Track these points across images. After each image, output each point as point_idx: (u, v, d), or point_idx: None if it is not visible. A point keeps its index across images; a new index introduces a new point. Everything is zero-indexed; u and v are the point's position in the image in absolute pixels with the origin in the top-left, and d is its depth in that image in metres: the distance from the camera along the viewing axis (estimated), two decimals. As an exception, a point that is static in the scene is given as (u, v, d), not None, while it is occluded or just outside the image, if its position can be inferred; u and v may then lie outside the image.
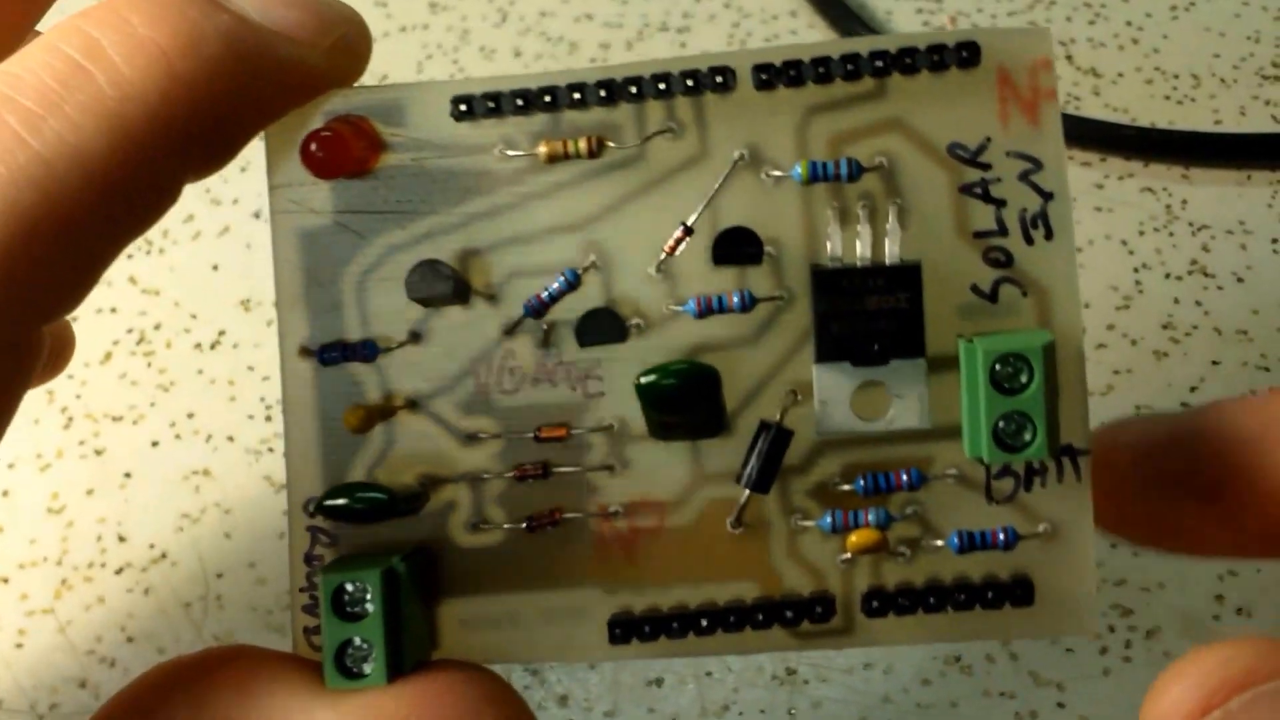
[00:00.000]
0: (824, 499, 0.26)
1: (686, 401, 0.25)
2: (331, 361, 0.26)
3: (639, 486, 0.26)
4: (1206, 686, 0.20)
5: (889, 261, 0.25)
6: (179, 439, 0.42)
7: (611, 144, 0.26)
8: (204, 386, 0.43)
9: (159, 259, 0.46)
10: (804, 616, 0.26)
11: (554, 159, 0.26)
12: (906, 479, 0.26)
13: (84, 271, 0.24)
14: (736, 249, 0.26)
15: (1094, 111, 0.47)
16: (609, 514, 0.26)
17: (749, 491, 0.26)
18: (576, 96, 0.26)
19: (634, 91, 0.26)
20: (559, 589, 0.26)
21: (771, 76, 0.26)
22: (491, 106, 0.26)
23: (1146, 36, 0.49)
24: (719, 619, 0.26)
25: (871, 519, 0.26)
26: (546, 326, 0.26)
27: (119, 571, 0.40)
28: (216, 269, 0.45)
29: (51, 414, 0.43)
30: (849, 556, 0.26)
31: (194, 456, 0.42)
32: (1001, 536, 0.26)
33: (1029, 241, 0.26)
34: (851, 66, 0.25)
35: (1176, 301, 0.43)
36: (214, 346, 0.44)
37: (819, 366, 0.26)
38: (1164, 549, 0.27)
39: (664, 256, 0.26)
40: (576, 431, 0.26)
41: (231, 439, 0.42)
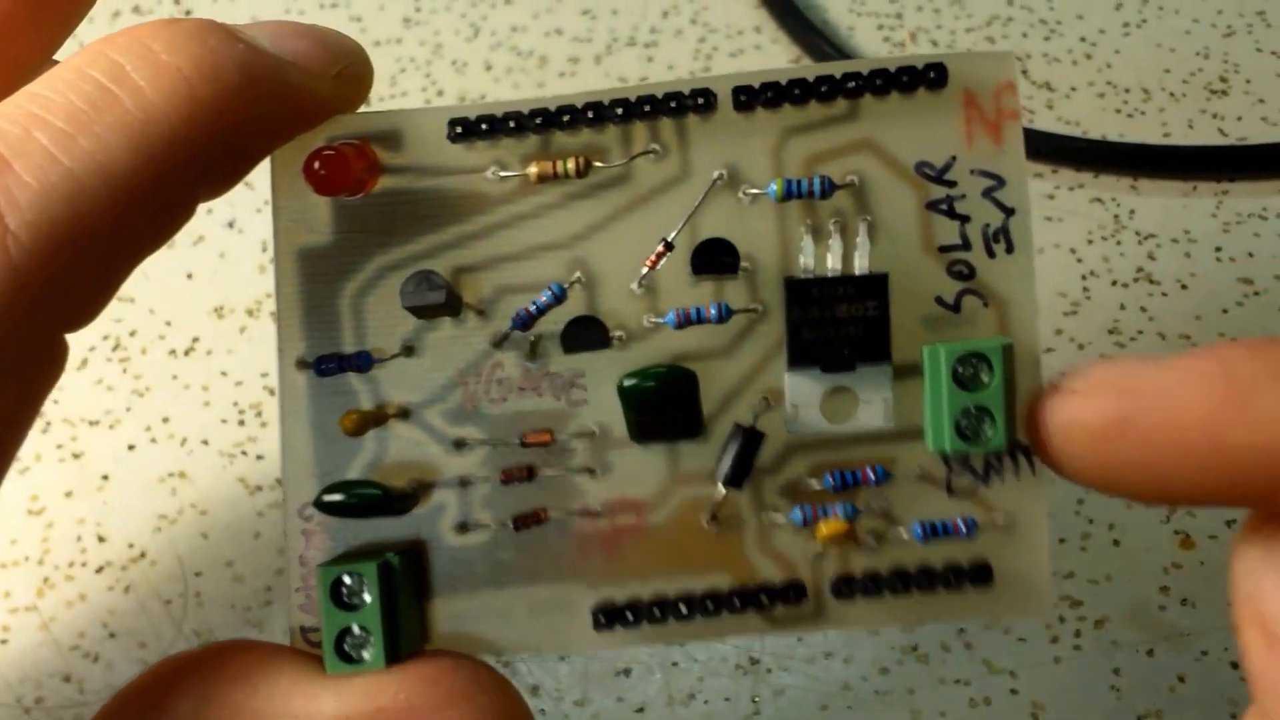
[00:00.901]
0: (794, 496, 0.27)
1: (666, 402, 0.26)
2: (328, 372, 0.27)
3: (619, 488, 0.27)
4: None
5: (859, 272, 0.26)
6: (155, 443, 0.43)
7: (599, 164, 0.27)
8: (179, 392, 0.44)
9: None
10: (777, 601, 0.27)
11: (544, 179, 0.27)
12: (872, 475, 0.27)
13: (106, 282, 0.25)
14: (714, 259, 0.27)
15: (1047, 124, 0.48)
16: (591, 514, 0.27)
17: (724, 489, 0.27)
18: (566, 119, 0.27)
19: (620, 114, 0.27)
20: (544, 583, 0.27)
21: (750, 98, 0.26)
22: (485, 129, 0.27)
23: (1099, 52, 0.50)
24: (697, 605, 0.27)
25: (839, 512, 0.27)
26: (533, 339, 0.27)
27: (99, 570, 0.40)
28: (190, 277, 0.46)
29: None
30: (820, 550, 0.27)
31: (170, 460, 0.42)
32: (962, 525, 0.27)
33: (991, 255, 0.27)
34: (826, 89, 0.26)
35: (1123, 308, 0.44)
36: (188, 353, 0.44)
37: (790, 373, 0.27)
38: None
39: (645, 271, 0.27)
40: (560, 437, 0.27)
41: (206, 442, 0.42)
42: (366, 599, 0.26)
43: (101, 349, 0.44)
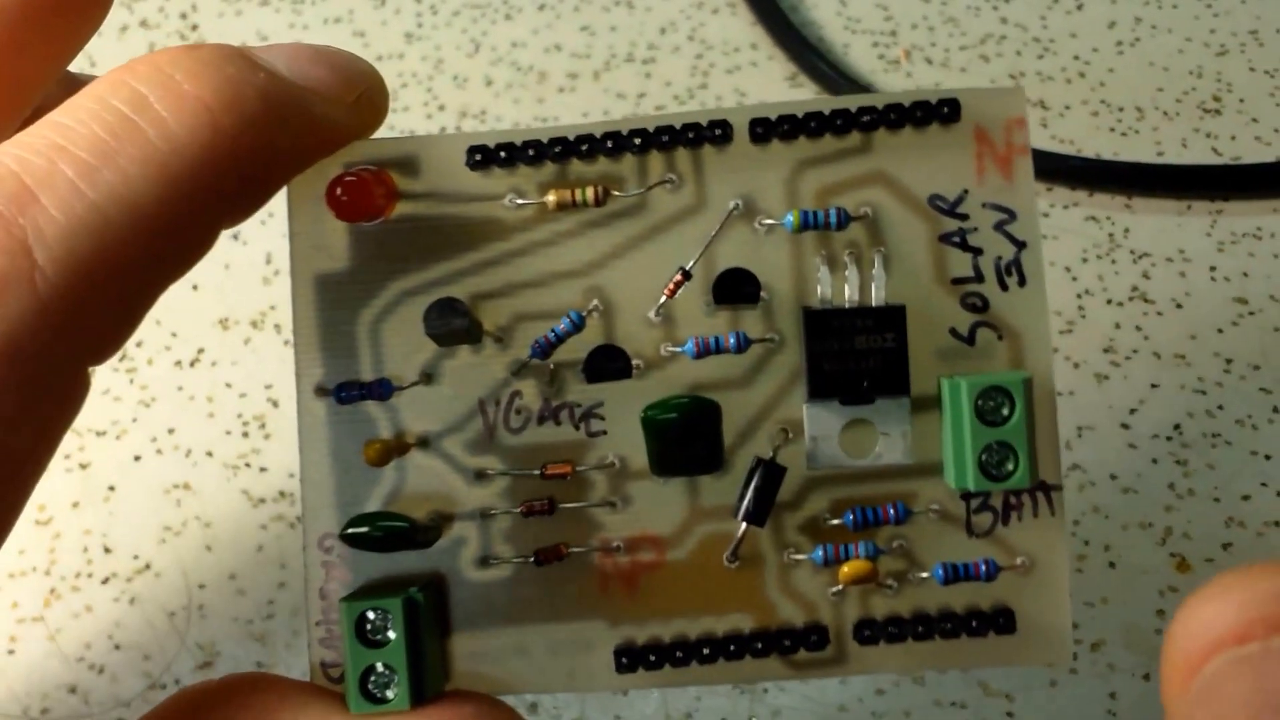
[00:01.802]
0: (815, 534, 0.27)
1: (689, 434, 0.26)
2: (348, 400, 0.27)
3: (639, 522, 0.27)
4: (1247, 618, 0.18)
5: (875, 304, 0.27)
6: (160, 454, 0.43)
7: (616, 193, 0.27)
8: (184, 403, 0.44)
9: None
10: (800, 645, 0.27)
11: (563, 206, 0.27)
12: (893, 513, 0.27)
13: (130, 315, 0.25)
14: (736, 289, 0.27)
15: (1042, 143, 0.48)
16: (611, 549, 0.27)
17: (745, 525, 0.27)
18: (585, 148, 0.27)
19: (638, 144, 0.27)
20: (564, 621, 0.27)
21: (766, 130, 0.27)
22: (504, 157, 0.27)
23: (1093, 71, 0.50)
24: (720, 648, 0.27)
25: (861, 551, 0.27)
26: (552, 366, 0.27)
27: (105, 581, 0.40)
28: (196, 289, 0.46)
29: None
30: (840, 588, 0.27)
31: (175, 471, 0.42)
32: (983, 568, 0.27)
33: (1004, 288, 0.27)
34: (841, 122, 0.27)
35: (1118, 326, 0.44)
36: (193, 364, 0.44)
37: (809, 405, 0.27)
38: None
39: (663, 300, 0.27)
40: (579, 469, 0.27)
41: (210, 454, 0.43)
42: (391, 636, 0.25)
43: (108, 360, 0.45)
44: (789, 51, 0.51)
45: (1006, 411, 0.25)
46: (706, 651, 0.27)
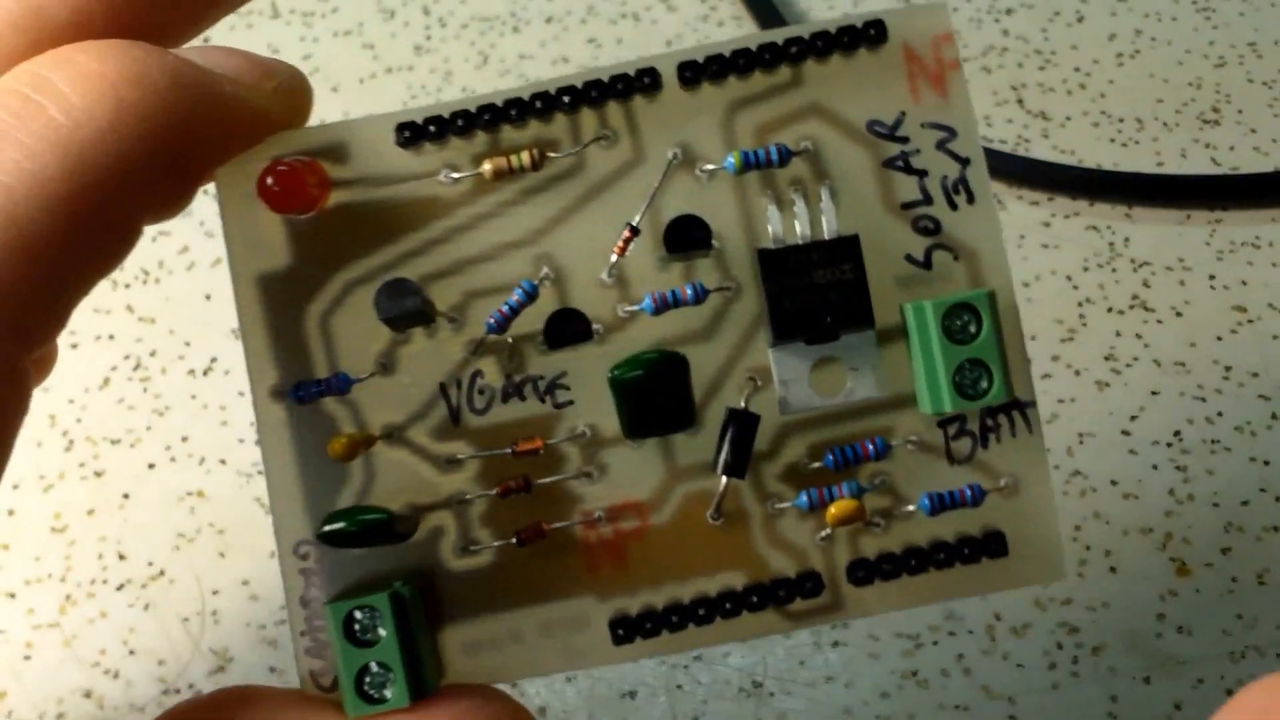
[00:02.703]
0: (796, 480, 0.27)
1: (658, 390, 0.26)
2: (306, 399, 0.26)
3: (618, 490, 0.27)
4: None
5: (828, 236, 0.26)
6: (174, 461, 0.43)
7: (552, 155, 0.26)
8: (197, 411, 0.44)
9: (155, 288, 0.47)
10: (795, 595, 0.27)
11: (500, 175, 0.26)
12: (872, 449, 0.27)
13: (51, 303, 0.24)
14: (687, 236, 0.27)
15: (1043, 153, 0.48)
16: (593, 520, 0.27)
17: (725, 480, 0.26)
18: (514, 112, 0.26)
19: (567, 102, 0.26)
20: (555, 600, 0.27)
21: (695, 73, 0.26)
22: (433, 131, 0.26)
23: (1094, 82, 0.50)
24: (715, 608, 0.27)
25: (845, 492, 0.26)
26: (511, 341, 0.27)
27: (120, 588, 0.41)
28: (209, 298, 0.46)
29: (53, 437, 0.43)
30: (828, 533, 0.27)
31: (189, 478, 0.43)
32: (968, 493, 0.26)
33: (953, 207, 0.27)
34: (769, 56, 0.26)
35: (1118, 334, 0.44)
36: (206, 373, 0.45)
37: (775, 349, 0.26)
38: None
39: (614, 259, 0.26)
40: (550, 442, 0.27)
41: (224, 462, 0.43)
42: (381, 633, 0.25)
43: (123, 368, 0.45)
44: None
45: (974, 328, 0.25)
46: (702, 613, 0.27)
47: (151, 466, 0.43)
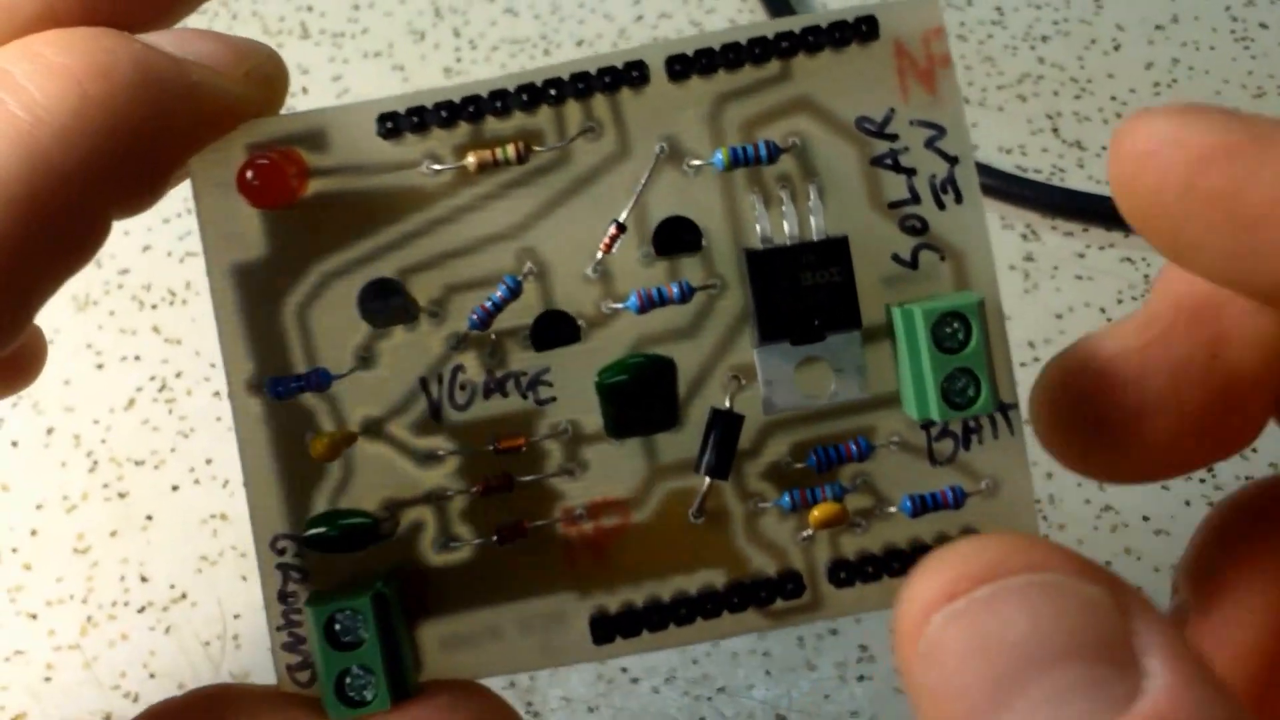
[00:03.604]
0: (778, 480, 0.27)
1: (646, 393, 0.26)
2: (285, 394, 0.26)
3: (599, 487, 0.27)
4: (952, 577, 0.20)
5: (816, 237, 0.26)
6: (198, 484, 0.43)
7: (537, 148, 0.26)
8: (222, 433, 0.44)
9: (181, 309, 0.47)
10: (776, 595, 0.26)
11: (484, 168, 0.26)
12: (855, 449, 0.26)
13: (17, 300, 0.23)
14: (677, 238, 0.26)
15: (1078, 183, 0.48)
16: (574, 518, 0.27)
17: (708, 480, 0.26)
18: (499, 104, 0.26)
19: (554, 94, 0.26)
20: (534, 597, 0.27)
21: (684, 67, 0.26)
22: (417, 121, 0.26)
23: (1130, 112, 0.50)
24: (696, 607, 0.26)
25: (828, 493, 0.26)
26: (494, 337, 0.26)
27: (141, 610, 0.41)
28: (236, 320, 0.47)
29: (77, 457, 0.43)
30: (809, 533, 0.26)
31: (212, 501, 0.43)
32: (950, 495, 0.26)
33: (941, 206, 0.26)
34: (759, 50, 0.26)
35: None
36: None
37: (760, 349, 0.26)
38: (1090, 477, 0.28)
39: (600, 256, 0.26)
40: (533, 439, 0.26)
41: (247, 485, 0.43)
42: (363, 635, 0.24)
43: (148, 390, 0.45)
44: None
45: (963, 337, 0.25)
46: (683, 612, 0.26)
47: (175, 488, 0.43)
